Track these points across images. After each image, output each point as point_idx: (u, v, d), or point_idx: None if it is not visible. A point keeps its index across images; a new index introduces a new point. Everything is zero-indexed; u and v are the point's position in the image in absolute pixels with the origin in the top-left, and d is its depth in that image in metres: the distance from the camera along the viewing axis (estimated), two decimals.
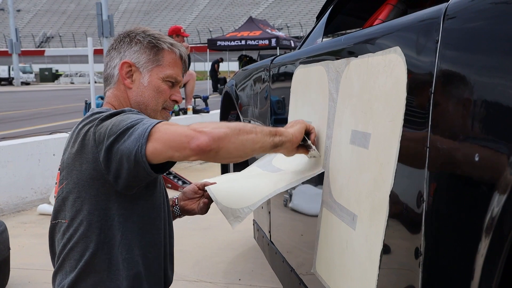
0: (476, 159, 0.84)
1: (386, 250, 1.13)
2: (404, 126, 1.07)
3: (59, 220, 1.42)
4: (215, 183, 1.73)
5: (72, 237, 1.38)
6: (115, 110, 1.37)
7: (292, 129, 1.44)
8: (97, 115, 1.37)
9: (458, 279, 0.89)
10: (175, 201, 1.74)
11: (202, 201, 1.72)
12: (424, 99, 1.00)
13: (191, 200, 1.73)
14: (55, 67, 48.21)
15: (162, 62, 1.46)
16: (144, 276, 1.41)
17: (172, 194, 1.72)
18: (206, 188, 1.71)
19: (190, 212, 1.74)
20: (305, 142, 1.49)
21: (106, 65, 1.50)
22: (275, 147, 1.37)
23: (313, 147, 1.51)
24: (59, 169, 1.44)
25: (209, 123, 1.25)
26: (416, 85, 1.05)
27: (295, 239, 2.02)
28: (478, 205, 0.83)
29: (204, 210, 1.72)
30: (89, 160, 1.31)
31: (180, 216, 1.75)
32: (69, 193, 1.37)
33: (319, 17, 2.60)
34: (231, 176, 1.97)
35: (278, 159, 1.84)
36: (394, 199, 1.10)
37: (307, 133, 1.50)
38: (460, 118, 0.90)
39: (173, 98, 1.49)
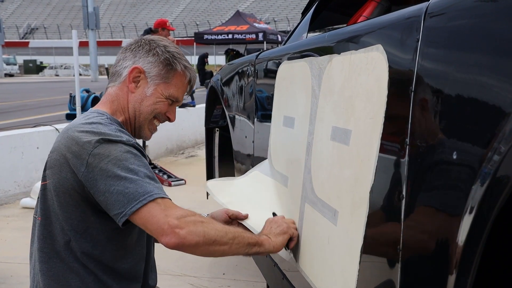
0: (455, 156, 0.86)
1: (366, 245, 1.15)
2: (384, 123, 1.08)
3: (35, 216, 1.44)
4: (247, 215, 1.71)
5: (42, 237, 1.39)
6: (114, 136, 1.34)
7: (276, 239, 1.50)
8: (95, 127, 1.34)
9: (436, 274, 0.91)
10: None
11: None
12: (404, 97, 1.01)
13: None
14: (39, 59, 47.63)
15: (170, 81, 1.49)
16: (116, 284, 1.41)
17: None
18: (244, 223, 1.69)
19: None
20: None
21: (118, 62, 1.51)
22: (247, 255, 1.45)
23: (289, 252, 1.60)
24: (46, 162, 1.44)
25: (192, 221, 1.29)
26: (397, 83, 1.06)
27: None
28: (456, 201, 0.85)
29: None
30: (73, 173, 1.33)
31: None
32: (49, 192, 1.39)
33: (304, 13, 2.61)
34: (254, 193, 1.93)
35: (280, 165, 1.86)
36: (374, 195, 1.12)
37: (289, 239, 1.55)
38: (439, 115, 0.92)
39: (168, 115, 1.53)
